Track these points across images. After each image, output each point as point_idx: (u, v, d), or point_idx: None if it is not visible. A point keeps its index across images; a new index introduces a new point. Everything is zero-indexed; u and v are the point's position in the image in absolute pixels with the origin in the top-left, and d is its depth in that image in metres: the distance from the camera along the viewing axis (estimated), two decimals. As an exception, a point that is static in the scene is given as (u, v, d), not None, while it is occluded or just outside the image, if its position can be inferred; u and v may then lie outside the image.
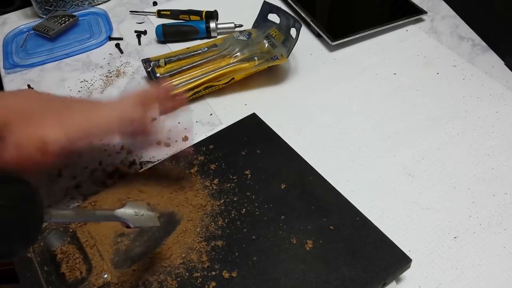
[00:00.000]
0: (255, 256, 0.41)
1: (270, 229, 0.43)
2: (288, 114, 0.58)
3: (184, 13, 0.74)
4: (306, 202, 0.45)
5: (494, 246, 0.44)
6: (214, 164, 0.49)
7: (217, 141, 0.52)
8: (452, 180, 0.50)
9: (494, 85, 0.61)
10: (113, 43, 0.71)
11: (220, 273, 0.40)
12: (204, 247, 0.42)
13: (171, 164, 0.50)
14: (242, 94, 0.61)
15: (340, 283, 0.39)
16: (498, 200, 0.48)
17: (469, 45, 0.69)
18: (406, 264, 0.40)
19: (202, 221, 0.44)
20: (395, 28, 0.71)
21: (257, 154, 0.50)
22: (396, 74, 0.64)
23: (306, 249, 0.41)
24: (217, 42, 0.66)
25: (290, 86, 0.62)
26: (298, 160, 0.49)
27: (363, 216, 0.44)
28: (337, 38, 0.67)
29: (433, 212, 0.47)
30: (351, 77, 0.63)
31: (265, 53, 0.62)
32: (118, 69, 0.66)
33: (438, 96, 0.60)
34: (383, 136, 0.55)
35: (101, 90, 0.63)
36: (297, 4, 0.74)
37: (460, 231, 0.45)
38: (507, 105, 0.58)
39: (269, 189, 0.47)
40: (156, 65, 0.62)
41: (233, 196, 0.46)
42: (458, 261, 0.43)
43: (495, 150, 0.53)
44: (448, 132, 0.55)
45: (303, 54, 0.67)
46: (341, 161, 0.52)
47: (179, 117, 0.58)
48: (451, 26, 0.72)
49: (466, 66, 0.64)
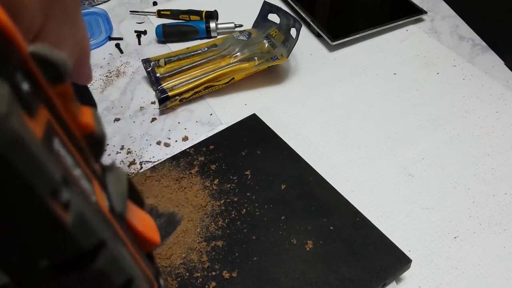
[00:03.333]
0: (255, 256, 0.41)
1: (270, 229, 0.43)
2: (288, 114, 0.58)
3: (184, 13, 0.74)
4: (306, 202, 0.45)
5: (494, 246, 0.44)
6: (214, 164, 0.49)
7: (217, 142, 0.52)
8: (452, 180, 0.50)
9: (494, 85, 0.61)
10: (113, 43, 0.71)
11: (220, 273, 0.40)
12: (204, 247, 0.42)
13: (171, 164, 0.50)
14: (242, 94, 0.61)
15: (340, 283, 0.39)
16: (498, 200, 0.48)
17: (469, 45, 0.69)
18: (406, 264, 0.41)
19: (202, 221, 0.44)
20: (395, 28, 0.71)
21: (257, 155, 0.50)
22: (396, 74, 0.64)
23: (306, 249, 0.41)
24: (217, 42, 0.66)
25: (290, 86, 0.62)
26: (298, 161, 0.50)
27: (363, 216, 0.44)
28: (337, 38, 0.67)
29: (433, 212, 0.47)
30: (351, 77, 0.63)
31: (265, 53, 0.62)
32: (118, 69, 0.66)
33: (438, 96, 0.60)
34: (383, 136, 0.55)
35: (101, 90, 0.63)
36: (297, 4, 0.74)
37: (460, 231, 0.45)
38: (507, 105, 0.59)
39: (269, 190, 0.47)
40: (156, 65, 0.62)
41: (233, 197, 0.46)
42: (458, 261, 0.43)
43: (495, 150, 0.53)
44: (448, 132, 0.55)
45: (303, 54, 0.67)
46: (341, 161, 0.52)
47: (179, 117, 0.58)
48: (451, 26, 0.72)
49: (466, 66, 0.64)
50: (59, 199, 0.11)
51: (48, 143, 0.12)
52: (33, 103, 0.12)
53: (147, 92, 0.62)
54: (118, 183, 0.17)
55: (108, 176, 0.17)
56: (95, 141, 0.16)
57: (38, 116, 0.12)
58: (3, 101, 0.10)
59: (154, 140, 0.55)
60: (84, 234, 0.12)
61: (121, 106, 0.60)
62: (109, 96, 0.62)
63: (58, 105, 0.14)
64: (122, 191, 0.17)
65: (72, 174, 0.13)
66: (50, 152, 0.12)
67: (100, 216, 0.14)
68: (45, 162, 0.11)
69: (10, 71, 0.11)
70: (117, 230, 0.15)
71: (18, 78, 0.12)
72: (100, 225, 0.13)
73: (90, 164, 0.15)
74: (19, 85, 0.11)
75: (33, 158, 0.11)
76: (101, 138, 0.17)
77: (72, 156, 0.13)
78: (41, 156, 0.11)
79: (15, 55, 0.12)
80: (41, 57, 0.13)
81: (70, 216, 0.11)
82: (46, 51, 0.13)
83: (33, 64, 0.13)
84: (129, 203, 0.17)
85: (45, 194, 0.11)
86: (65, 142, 0.13)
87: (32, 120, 0.11)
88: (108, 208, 0.15)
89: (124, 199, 0.17)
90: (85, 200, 0.13)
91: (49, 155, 0.11)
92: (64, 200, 0.11)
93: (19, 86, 0.11)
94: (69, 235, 0.12)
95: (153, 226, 0.19)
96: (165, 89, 0.59)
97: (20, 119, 0.10)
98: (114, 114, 0.59)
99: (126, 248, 0.15)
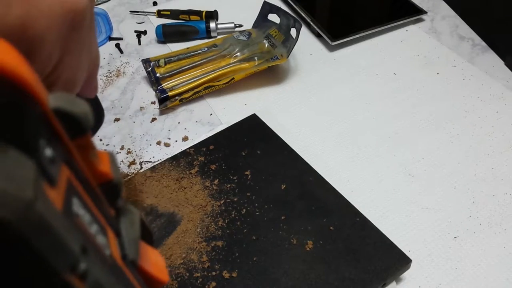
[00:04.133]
0: (256, 256, 0.41)
1: (270, 229, 0.43)
2: (288, 114, 0.58)
3: (184, 13, 0.74)
4: (306, 202, 0.45)
5: (494, 246, 0.44)
6: (214, 164, 0.49)
7: (218, 142, 0.52)
8: (452, 180, 0.50)
9: (494, 85, 0.61)
10: (113, 43, 0.71)
11: (221, 273, 0.40)
12: (204, 247, 0.42)
13: (171, 164, 0.50)
14: (242, 94, 0.61)
15: (340, 283, 0.39)
16: (498, 200, 0.48)
17: (469, 45, 0.69)
18: (406, 264, 0.41)
19: (202, 222, 0.44)
20: (395, 28, 0.71)
21: (257, 155, 0.50)
22: (396, 74, 0.64)
23: (306, 249, 0.41)
24: (217, 42, 0.66)
25: (290, 86, 0.62)
26: (298, 161, 0.50)
27: (363, 217, 0.44)
28: (337, 38, 0.67)
29: (433, 212, 0.47)
30: (351, 77, 0.63)
31: (265, 53, 0.62)
32: (118, 69, 0.66)
33: (438, 96, 0.60)
34: (383, 136, 0.55)
35: (101, 90, 0.63)
36: (297, 4, 0.74)
37: (460, 231, 0.45)
38: (507, 105, 0.59)
39: (269, 190, 0.47)
40: (156, 65, 0.62)
41: (233, 197, 0.46)
42: (458, 261, 0.43)
43: (495, 150, 0.53)
44: (448, 132, 0.55)
45: (303, 54, 0.67)
46: (341, 161, 0.52)
47: (179, 117, 0.58)
48: (451, 26, 0.72)
49: (466, 66, 0.64)
50: (77, 271, 0.12)
51: (68, 209, 0.12)
52: (56, 169, 0.12)
53: (147, 92, 0.62)
54: (132, 228, 0.17)
55: (121, 221, 0.17)
56: (111, 187, 0.17)
57: (60, 181, 0.12)
58: (29, 186, 0.10)
59: (154, 140, 0.55)
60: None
61: (121, 106, 0.60)
62: (109, 96, 0.62)
63: (77, 159, 0.14)
64: (135, 237, 0.17)
65: (90, 236, 0.13)
66: (70, 221, 0.12)
67: (114, 273, 0.14)
68: (67, 238, 0.11)
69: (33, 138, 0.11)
70: (129, 279, 0.15)
71: (41, 145, 0.11)
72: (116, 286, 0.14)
73: (105, 212, 0.16)
74: (43, 153, 0.11)
75: (56, 239, 0.11)
76: (118, 185, 0.17)
77: (90, 212, 0.14)
78: (64, 233, 0.11)
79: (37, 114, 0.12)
80: (63, 112, 0.13)
81: (86, 285, 0.12)
82: (67, 105, 0.13)
83: (56, 120, 0.13)
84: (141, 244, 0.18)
85: (65, 270, 0.11)
86: (84, 200, 0.13)
87: (53, 190, 0.11)
88: (120, 256, 0.16)
89: (137, 246, 0.17)
90: (101, 266, 0.13)
91: (70, 227, 0.12)
92: (81, 271, 0.12)
93: (43, 155, 0.11)
94: None
95: (162, 265, 0.19)
96: (165, 89, 0.59)
97: (45, 200, 0.10)
98: (114, 114, 0.59)
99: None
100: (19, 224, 0.09)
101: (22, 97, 0.11)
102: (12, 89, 0.11)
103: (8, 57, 0.11)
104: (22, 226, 0.10)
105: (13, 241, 0.10)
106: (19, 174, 0.10)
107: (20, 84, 0.11)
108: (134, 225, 0.17)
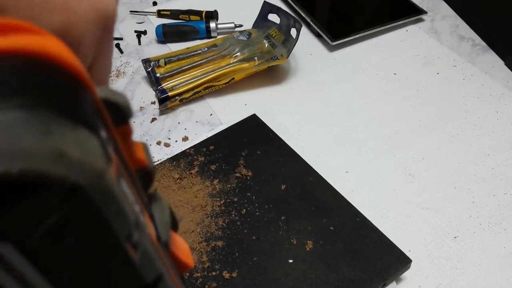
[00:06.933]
0: (256, 256, 0.41)
1: (270, 229, 0.43)
2: (288, 114, 0.58)
3: (184, 13, 0.74)
4: (306, 202, 0.45)
5: (494, 246, 0.44)
6: (214, 164, 0.49)
7: (217, 142, 0.52)
8: (452, 180, 0.50)
9: (494, 85, 0.61)
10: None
11: (221, 273, 0.40)
12: (204, 248, 0.42)
13: (171, 164, 0.50)
14: (242, 94, 0.61)
15: (340, 283, 0.39)
16: (498, 200, 0.48)
17: (469, 45, 0.69)
18: (406, 264, 0.41)
19: (202, 222, 0.44)
20: (395, 28, 0.71)
21: (257, 155, 0.50)
22: (396, 74, 0.64)
23: (306, 249, 0.42)
24: (217, 42, 0.66)
25: (290, 86, 0.62)
26: (298, 161, 0.50)
27: (363, 217, 0.44)
28: (337, 38, 0.67)
29: (433, 212, 0.47)
30: (351, 77, 0.63)
31: (265, 53, 0.62)
32: (118, 69, 0.66)
33: (438, 96, 0.60)
34: (383, 136, 0.55)
35: (101, 90, 0.63)
36: (297, 4, 0.74)
37: (460, 231, 0.45)
38: (507, 105, 0.59)
39: (269, 190, 0.47)
40: (156, 65, 0.62)
41: (233, 197, 0.46)
42: (458, 261, 0.43)
43: (495, 150, 0.53)
44: (448, 132, 0.55)
45: (303, 54, 0.67)
46: (341, 161, 0.52)
47: (179, 116, 0.58)
48: (451, 26, 0.72)
49: (466, 66, 0.64)
50: (131, 241, 0.13)
51: (120, 186, 0.13)
52: (109, 149, 0.13)
53: (147, 92, 0.62)
54: (163, 213, 0.18)
55: (154, 206, 0.18)
56: (146, 174, 0.18)
57: (113, 161, 0.13)
58: (101, 157, 0.11)
59: (154, 140, 0.55)
60: (148, 270, 0.14)
61: (121, 106, 0.60)
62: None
63: (121, 146, 0.15)
64: (167, 221, 0.18)
65: (137, 214, 0.14)
66: (125, 196, 0.13)
67: (156, 250, 0.15)
68: (127, 209, 0.12)
69: (93, 120, 0.12)
70: (164, 260, 0.17)
71: (99, 126, 0.12)
72: (158, 260, 0.15)
73: (142, 196, 0.17)
74: (100, 133, 0.12)
75: (119, 207, 0.12)
76: (152, 172, 0.18)
77: (133, 195, 0.15)
78: (125, 205, 0.12)
79: (91, 102, 0.13)
80: (110, 102, 0.14)
81: (138, 254, 0.13)
82: (112, 96, 0.15)
83: (104, 109, 0.14)
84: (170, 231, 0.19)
85: (124, 239, 0.12)
86: (128, 183, 0.15)
87: (111, 167, 0.12)
88: (155, 238, 0.17)
89: (168, 229, 0.18)
90: (148, 238, 0.14)
91: (126, 200, 0.13)
92: (134, 241, 0.13)
93: (100, 135, 0.12)
94: (137, 271, 0.13)
95: (188, 251, 0.21)
96: (165, 89, 0.59)
97: (110, 172, 0.11)
98: (114, 114, 0.59)
99: (171, 277, 0.17)
100: (91, 190, 0.10)
101: (80, 85, 0.12)
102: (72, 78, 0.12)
103: (66, 51, 0.12)
104: (93, 193, 0.11)
105: (83, 207, 0.11)
106: (90, 148, 0.11)
107: (76, 73, 0.12)
108: (165, 211, 0.19)
